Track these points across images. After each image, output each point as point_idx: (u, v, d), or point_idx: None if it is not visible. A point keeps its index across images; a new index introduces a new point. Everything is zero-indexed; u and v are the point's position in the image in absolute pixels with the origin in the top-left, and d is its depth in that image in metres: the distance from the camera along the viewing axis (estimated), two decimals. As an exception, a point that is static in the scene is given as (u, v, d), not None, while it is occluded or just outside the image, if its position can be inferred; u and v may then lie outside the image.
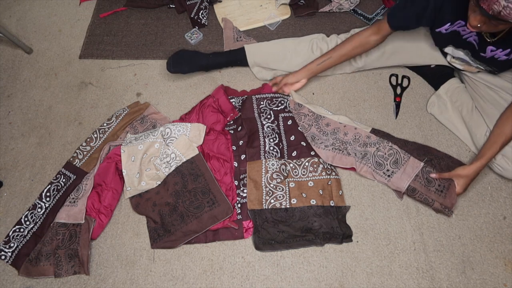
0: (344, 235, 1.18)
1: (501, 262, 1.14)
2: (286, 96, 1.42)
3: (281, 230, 1.19)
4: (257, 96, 1.41)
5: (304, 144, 1.31)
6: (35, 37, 1.72)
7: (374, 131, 1.32)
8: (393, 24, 1.18)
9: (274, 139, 1.31)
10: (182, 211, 1.21)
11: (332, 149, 1.29)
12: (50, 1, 1.83)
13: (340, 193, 1.25)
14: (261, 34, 1.64)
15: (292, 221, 1.20)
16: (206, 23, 1.68)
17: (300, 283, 1.14)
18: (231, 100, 1.44)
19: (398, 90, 1.47)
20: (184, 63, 1.47)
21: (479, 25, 0.94)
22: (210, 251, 1.20)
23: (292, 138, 1.33)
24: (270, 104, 1.40)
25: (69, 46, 1.68)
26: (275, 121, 1.36)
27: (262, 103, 1.40)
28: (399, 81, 1.48)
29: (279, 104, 1.39)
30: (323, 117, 1.36)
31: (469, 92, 1.33)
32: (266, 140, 1.31)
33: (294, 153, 1.31)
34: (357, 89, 1.48)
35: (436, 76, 1.43)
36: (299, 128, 1.35)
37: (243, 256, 1.19)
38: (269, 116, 1.37)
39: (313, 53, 1.42)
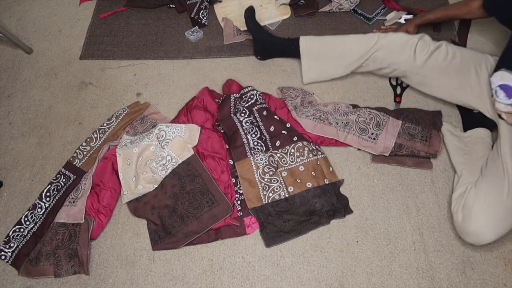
0: (344, 207, 1.22)
1: (501, 262, 1.14)
2: (254, 89, 1.41)
3: (286, 220, 1.20)
4: (235, 95, 1.41)
5: (285, 132, 1.32)
6: (35, 37, 1.72)
7: (354, 107, 1.39)
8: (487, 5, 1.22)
9: (256, 133, 1.32)
10: (181, 213, 1.21)
11: (313, 119, 1.34)
12: (50, 1, 1.83)
13: (331, 170, 1.27)
14: (261, 34, 1.64)
15: (294, 208, 1.20)
16: (206, 23, 1.68)
17: (300, 283, 1.14)
18: (216, 101, 1.45)
19: (398, 90, 1.47)
20: (267, 51, 1.53)
21: None
22: (210, 251, 1.20)
23: (272, 128, 1.33)
24: (241, 102, 1.40)
25: (69, 46, 1.68)
26: (251, 115, 1.37)
27: (237, 102, 1.40)
28: (399, 81, 1.48)
29: (249, 99, 1.39)
30: (310, 94, 1.44)
31: (494, 149, 1.18)
32: (248, 136, 1.31)
33: (277, 143, 1.31)
34: (357, 89, 1.48)
35: (472, 120, 1.33)
36: (275, 117, 1.35)
37: (243, 256, 1.19)
38: (244, 112, 1.37)
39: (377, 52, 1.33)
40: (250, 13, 1.51)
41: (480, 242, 1.08)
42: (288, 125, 1.34)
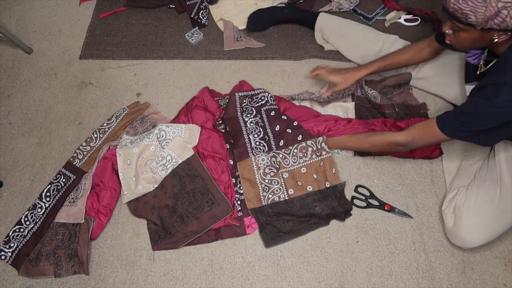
0: (346, 211, 1.21)
1: (501, 262, 1.14)
2: (266, 91, 1.41)
3: (285, 220, 1.20)
4: (240, 94, 1.41)
5: (290, 131, 1.30)
6: (35, 37, 1.72)
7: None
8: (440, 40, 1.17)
9: (259, 133, 1.31)
10: (181, 213, 1.21)
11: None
12: (50, 1, 1.83)
13: (333, 172, 1.25)
14: (261, 33, 1.64)
15: (293, 211, 1.20)
16: (206, 23, 1.68)
17: (300, 283, 1.14)
18: (216, 100, 1.44)
19: None
20: (261, 21, 1.61)
21: (447, 32, 0.95)
22: (210, 251, 1.20)
23: (277, 128, 1.32)
24: (251, 102, 1.39)
25: (69, 46, 1.68)
26: (258, 115, 1.36)
27: (244, 101, 1.40)
28: None
29: (260, 100, 1.39)
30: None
31: (490, 154, 1.19)
32: (251, 136, 1.31)
33: (281, 143, 1.30)
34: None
35: None
36: (282, 116, 1.34)
37: (243, 256, 1.19)
38: (251, 112, 1.36)
39: (377, 55, 1.40)
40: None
41: (468, 244, 1.09)
42: (295, 123, 1.32)
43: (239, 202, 1.25)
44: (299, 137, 1.29)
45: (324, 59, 1.55)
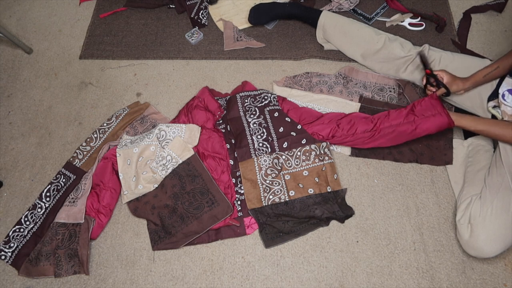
0: (347, 216, 1.22)
1: (501, 262, 1.14)
2: (269, 92, 1.41)
3: (285, 221, 1.20)
4: (241, 94, 1.41)
5: (294, 134, 1.31)
6: (35, 37, 1.72)
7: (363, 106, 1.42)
8: None
9: (262, 134, 1.32)
10: (181, 213, 1.21)
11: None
12: (50, 1, 1.83)
13: (335, 177, 1.26)
14: (261, 33, 1.64)
15: (293, 212, 1.21)
16: (206, 23, 1.68)
17: (300, 283, 1.14)
18: (216, 99, 1.44)
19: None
20: (262, 15, 1.59)
21: None
22: (210, 251, 1.20)
23: (281, 130, 1.33)
24: (254, 102, 1.39)
25: (69, 46, 1.68)
26: (261, 115, 1.36)
27: (246, 101, 1.40)
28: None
29: (263, 100, 1.39)
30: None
31: (495, 156, 1.18)
32: (254, 137, 1.31)
33: (285, 145, 1.30)
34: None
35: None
36: (286, 118, 1.34)
37: (243, 256, 1.19)
38: (254, 113, 1.36)
39: (379, 52, 1.42)
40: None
41: (485, 254, 1.08)
42: (299, 126, 1.32)
43: (239, 202, 1.25)
44: (303, 141, 1.30)
45: (324, 59, 1.55)
